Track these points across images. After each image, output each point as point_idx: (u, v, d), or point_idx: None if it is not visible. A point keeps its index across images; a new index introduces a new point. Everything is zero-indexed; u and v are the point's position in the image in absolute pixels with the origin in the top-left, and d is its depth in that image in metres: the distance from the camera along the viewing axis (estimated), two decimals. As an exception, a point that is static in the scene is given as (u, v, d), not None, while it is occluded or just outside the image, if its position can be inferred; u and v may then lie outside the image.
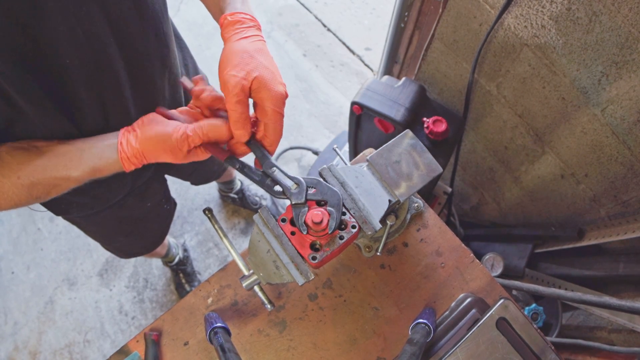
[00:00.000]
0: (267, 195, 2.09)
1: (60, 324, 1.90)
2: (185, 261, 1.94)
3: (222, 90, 0.61)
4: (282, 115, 0.62)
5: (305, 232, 0.59)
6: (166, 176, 1.16)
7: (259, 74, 0.60)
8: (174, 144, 0.61)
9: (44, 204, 0.92)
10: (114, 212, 1.00)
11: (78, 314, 1.91)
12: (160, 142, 0.62)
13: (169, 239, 1.85)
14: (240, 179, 2.02)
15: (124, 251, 1.30)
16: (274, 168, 0.62)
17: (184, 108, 0.69)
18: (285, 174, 0.62)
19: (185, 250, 1.98)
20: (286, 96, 0.62)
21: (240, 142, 0.64)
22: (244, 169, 0.63)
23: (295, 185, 0.61)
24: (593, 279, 1.19)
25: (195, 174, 1.28)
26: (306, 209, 0.60)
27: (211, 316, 0.70)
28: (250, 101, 0.63)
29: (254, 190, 2.07)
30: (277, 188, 0.62)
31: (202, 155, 0.65)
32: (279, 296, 0.76)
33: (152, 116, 0.65)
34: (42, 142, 0.65)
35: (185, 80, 0.68)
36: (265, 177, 0.63)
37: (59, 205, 0.92)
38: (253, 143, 0.64)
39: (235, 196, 2.02)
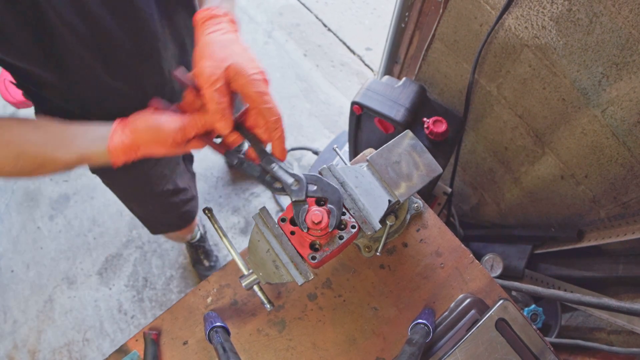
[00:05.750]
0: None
1: (59, 322, 1.90)
2: (205, 237, 1.93)
3: (198, 83, 0.60)
4: (269, 96, 0.59)
5: (305, 230, 0.58)
6: None
7: (233, 61, 0.58)
8: (169, 134, 0.60)
9: None
10: (149, 166, 1.04)
11: (77, 313, 1.91)
12: (155, 134, 0.61)
13: None
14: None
15: (158, 221, 1.30)
16: (274, 164, 0.61)
17: (177, 103, 0.68)
18: (286, 171, 0.61)
19: (203, 225, 1.96)
20: (264, 78, 0.60)
21: (222, 133, 0.62)
22: (242, 165, 0.62)
23: (295, 183, 0.60)
24: (592, 280, 1.19)
25: None
26: (307, 206, 0.60)
27: (210, 315, 0.70)
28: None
29: None
30: (278, 185, 0.61)
31: (199, 146, 0.64)
32: (279, 296, 0.76)
33: (147, 110, 0.64)
34: (41, 120, 0.66)
35: (180, 73, 0.66)
36: (264, 173, 0.62)
37: None
38: (252, 138, 0.63)
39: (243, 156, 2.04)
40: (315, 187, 0.61)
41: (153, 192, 1.15)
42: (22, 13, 0.59)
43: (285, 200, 2.11)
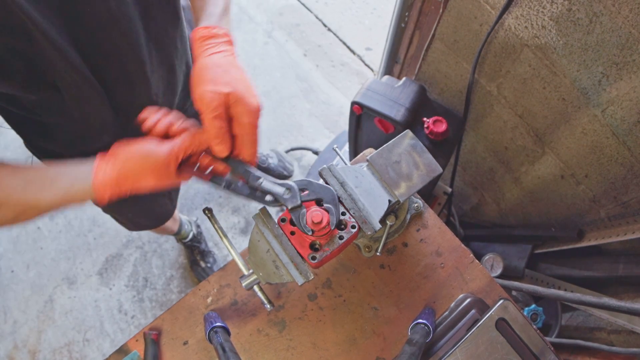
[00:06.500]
0: (272, 153, 2.11)
1: (59, 322, 1.90)
2: (199, 238, 1.95)
3: (197, 106, 0.61)
4: (257, 128, 0.62)
5: (310, 234, 0.59)
6: None
7: (234, 88, 0.60)
8: (160, 158, 0.57)
9: None
10: None
11: (77, 313, 1.91)
12: (143, 160, 0.58)
13: (181, 215, 1.84)
14: None
15: (135, 223, 1.31)
16: (261, 179, 0.62)
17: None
18: (274, 182, 0.62)
19: (198, 226, 1.98)
20: (260, 109, 0.62)
21: (220, 156, 0.63)
22: (230, 186, 0.63)
23: (287, 191, 0.61)
24: (593, 280, 1.19)
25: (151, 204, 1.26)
26: (304, 210, 0.60)
27: (211, 315, 0.70)
28: None
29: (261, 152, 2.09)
30: (269, 197, 0.62)
31: (186, 177, 0.63)
32: (279, 296, 0.76)
33: (126, 140, 0.61)
34: (17, 164, 0.62)
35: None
36: (254, 190, 0.62)
37: None
38: (232, 160, 0.63)
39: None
40: (306, 192, 0.61)
41: (135, 203, 1.15)
42: (13, 40, 0.57)
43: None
